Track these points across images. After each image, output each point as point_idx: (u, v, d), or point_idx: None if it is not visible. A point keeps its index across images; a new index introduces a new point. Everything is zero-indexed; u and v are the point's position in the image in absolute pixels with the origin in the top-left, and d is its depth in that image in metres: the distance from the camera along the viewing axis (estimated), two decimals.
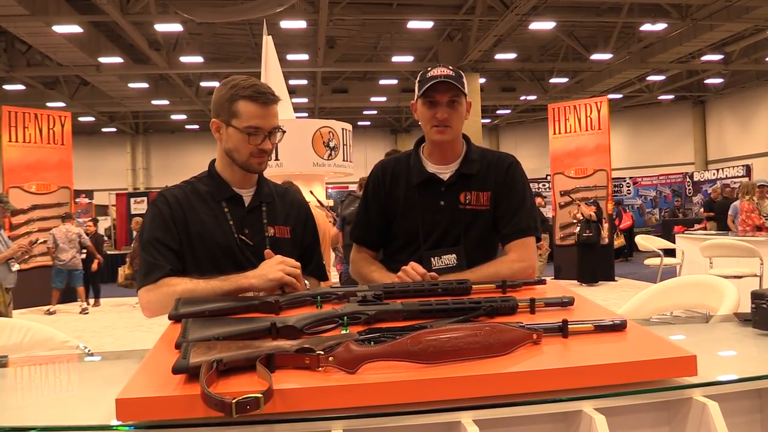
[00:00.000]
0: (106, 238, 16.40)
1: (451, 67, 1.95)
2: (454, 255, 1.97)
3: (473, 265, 1.90)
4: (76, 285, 10.31)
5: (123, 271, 10.12)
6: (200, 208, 1.82)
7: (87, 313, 10.06)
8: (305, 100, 22.53)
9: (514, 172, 2.03)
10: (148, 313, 1.71)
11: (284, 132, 1.84)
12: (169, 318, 1.41)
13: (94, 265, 10.58)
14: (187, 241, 1.78)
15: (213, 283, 1.63)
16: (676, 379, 1.09)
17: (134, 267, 10.54)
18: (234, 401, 0.89)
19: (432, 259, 1.97)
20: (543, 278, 1.70)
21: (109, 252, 14.12)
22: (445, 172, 2.02)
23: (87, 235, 10.60)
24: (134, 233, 11.13)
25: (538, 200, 11.52)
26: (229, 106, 1.78)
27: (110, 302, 11.01)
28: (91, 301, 10.68)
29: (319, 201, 7.23)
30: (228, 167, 1.86)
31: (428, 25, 16.08)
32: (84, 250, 10.21)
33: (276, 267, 1.63)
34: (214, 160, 1.92)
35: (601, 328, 1.21)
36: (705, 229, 12.27)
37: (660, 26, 15.53)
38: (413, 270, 1.78)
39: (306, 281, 1.73)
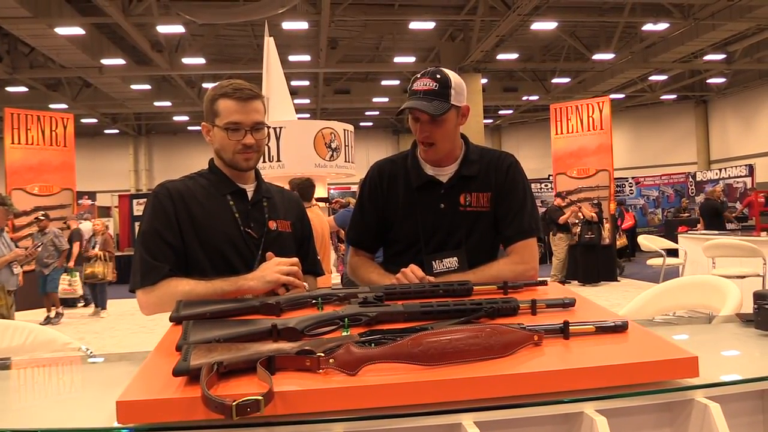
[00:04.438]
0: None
1: (438, 76, 1.87)
2: (455, 258, 1.95)
3: (475, 267, 1.90)
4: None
5: (90, 268, 9.61)
6: (205, 201, 1.82)
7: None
8: (307, 101, 22.54)
9: (514, 172, 2.02)
10: (147, 312, 1.72)
11: (269, 128, 1.84)
12: (170, 320, 1.41)
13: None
14: (193, 234, 1.77)
15: (213, 284, 1.64)
16: (678, 381, 1.08)
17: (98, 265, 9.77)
18: (234, 403, 0.89)
19: (433, 262, 1.96)
20: (544, 279, 1.70)
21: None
22: (444, 174, 2.00)
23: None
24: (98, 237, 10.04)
25: (558, 201, 11.47)
26: (212, 106, 1.81)
27: (111, 303, 11.01)
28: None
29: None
30: (223, 167, 1.88)
31: (430, 25, 16.07)
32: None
33: (274, 269, 1.64)
34: (211, 160, 1.93)
35: (602, 330, 1.21)
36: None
37: (662, 26, 15.50)
38: (412, 273, 1.78)
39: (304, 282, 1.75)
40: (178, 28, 14.78)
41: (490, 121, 27.64)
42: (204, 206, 1.81)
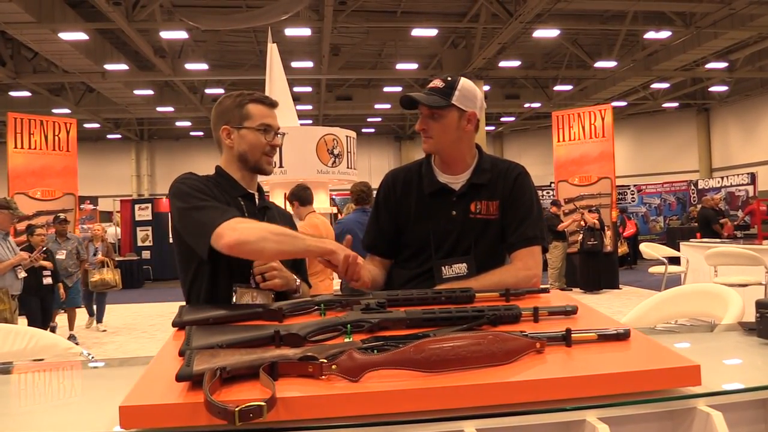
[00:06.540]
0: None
1: (449, 78, 1.99)
2: (464, 264, 1.97)
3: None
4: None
5: (99, 275, 8.86)
6: (221, 198, 1.82)
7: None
8: (309, 107, 22.59)
9: (522, 182, 2.04)
10: (235, 236, 1.60)
11: (284, 135, 2.03)
12: (173, 325, 1.42)
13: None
14: None
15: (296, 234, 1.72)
16: (680, 389, 1.08)
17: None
18: (237, 409, 0.89)
19: (443, 268, 1.97)
20: (546, 287, 1.70)
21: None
22: (456, 182, 2.03)
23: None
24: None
25: (554, 209, 11.48)
26: (239, 111, 1.89)
27: (113, 309, 11.00)
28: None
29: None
30: (237, 172, 1.93)
31: (432, 32, 16.11)
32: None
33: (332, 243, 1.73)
34: (218, 166, 1.96)
35: (604, 338, 1.21)
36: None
37: (664, 34, 15.53)
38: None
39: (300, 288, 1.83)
40: (181, 34, 14.83)
41: (492, 128, 27.68)
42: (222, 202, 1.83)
